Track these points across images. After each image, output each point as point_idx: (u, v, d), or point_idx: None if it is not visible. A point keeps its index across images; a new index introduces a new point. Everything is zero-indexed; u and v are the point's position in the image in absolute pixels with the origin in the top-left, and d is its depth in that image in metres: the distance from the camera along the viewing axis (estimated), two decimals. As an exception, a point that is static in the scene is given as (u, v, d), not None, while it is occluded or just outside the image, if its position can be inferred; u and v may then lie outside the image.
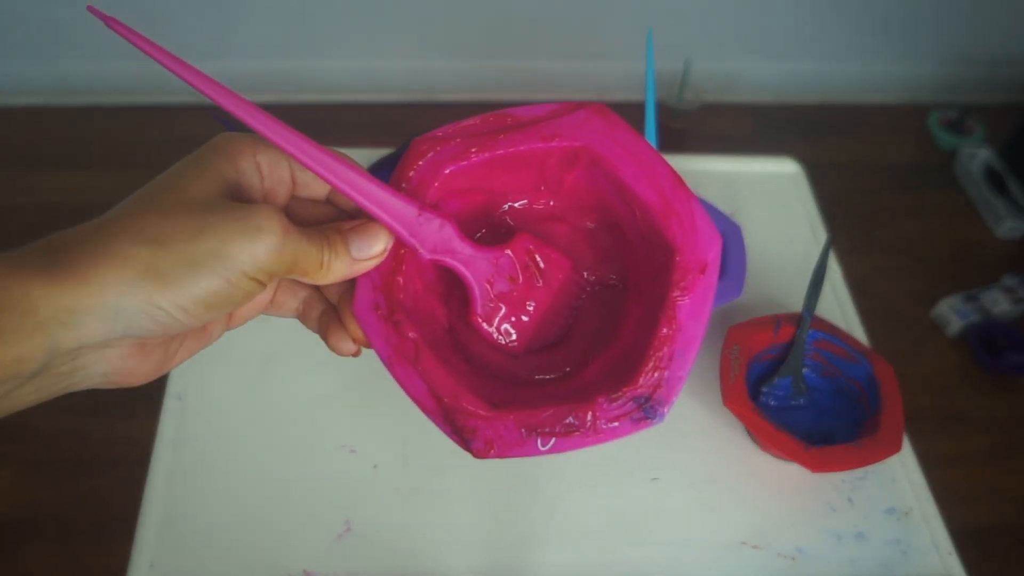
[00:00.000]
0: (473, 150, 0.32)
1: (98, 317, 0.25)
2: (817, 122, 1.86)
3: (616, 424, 0.32)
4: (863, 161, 1.79)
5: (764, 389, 0.63)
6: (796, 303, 0.65)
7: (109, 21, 0.27)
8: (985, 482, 1.31)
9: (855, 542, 0.59)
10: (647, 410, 0.32)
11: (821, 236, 0.78)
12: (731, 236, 0.69)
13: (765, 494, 0.61)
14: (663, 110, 1.72)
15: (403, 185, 0.32)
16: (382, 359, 0.32)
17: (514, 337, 0.35)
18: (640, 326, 0.33)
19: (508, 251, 0.34)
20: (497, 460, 0.37)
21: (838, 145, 1.81)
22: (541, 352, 0.35)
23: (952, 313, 1.47)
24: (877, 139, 1.85)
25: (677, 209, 0.33)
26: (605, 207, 0.35)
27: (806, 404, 0.64)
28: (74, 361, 0.27)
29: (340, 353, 0.34)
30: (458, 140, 0.33)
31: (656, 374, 0.32)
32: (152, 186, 0.29)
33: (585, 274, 0.36)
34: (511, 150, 0.33)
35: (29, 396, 0.26)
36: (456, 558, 0.56)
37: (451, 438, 0.32)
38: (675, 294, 0.32)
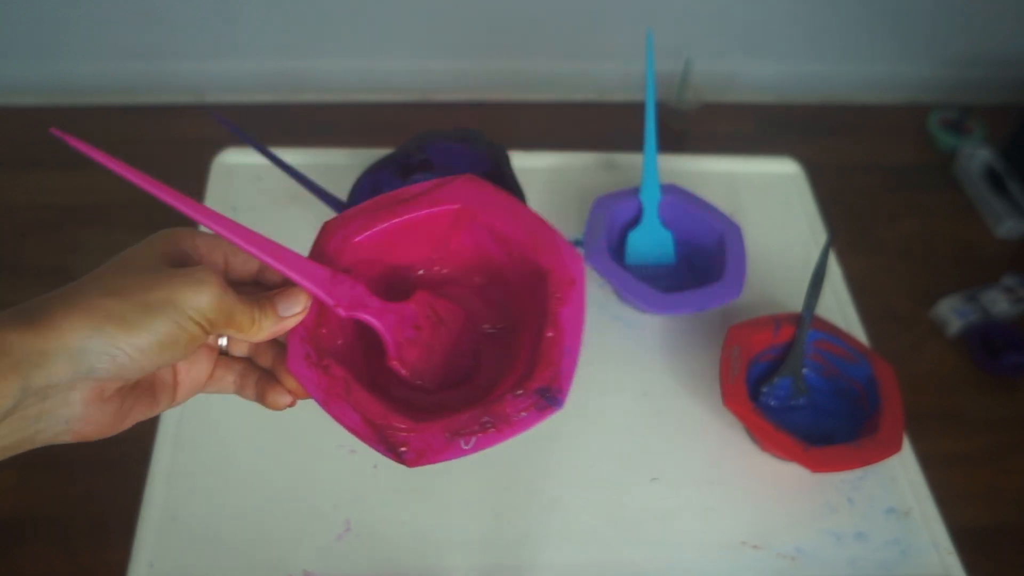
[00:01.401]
0: (374, 222, 0.39)
1: (65, 358, 0.29)
2: (817, 122, 1.86)
3: (525, 414, 0.37)
4: (863, 161, 1.79)
5: (764, 389, 0.63)
6: (796, 303, 0.65)
7: (70, 140, 0.31)
8: (985, 482, 1.31)
9: (855, 542, 0.59)
10: (548, 399, 0.38)
11: (821, 236, 0.78)
12: (731, 236, 0.69)
13: (765, 494, 0.61)
14: (663, 110, 1.72)
15: (320, 258, 0.38)
16: (318, 401, 0.37)
17: (426, 376, 0.41)
18: (532, 349, 0.39)
19: (411, 304, 0.40)
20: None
21: (838, 145, 1.81)
22: (452, 387, 0.41)
23: (952, 313, 1.47)
24: (877, 139, 1.85)
25: (543, 240, 0.40)
26: (488, 260, 0.41)
27: (806, 404, 0.64)
28: (42, 403, 0.30)
29: (277, 408, 0.38)
30: (361, 216, 0.39)
31: (550, 369, 0.38)
32: (110, 262, 0.34)
33: (485, 326, 0.43)
34: (405, 217, 0.39)
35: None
36: (456, 558, 0.56)
37: (387, 455, 0.37)
38: (553, 304, 0.39)
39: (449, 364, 0.41)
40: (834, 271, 0.76)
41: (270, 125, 1.69)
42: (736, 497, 0.61)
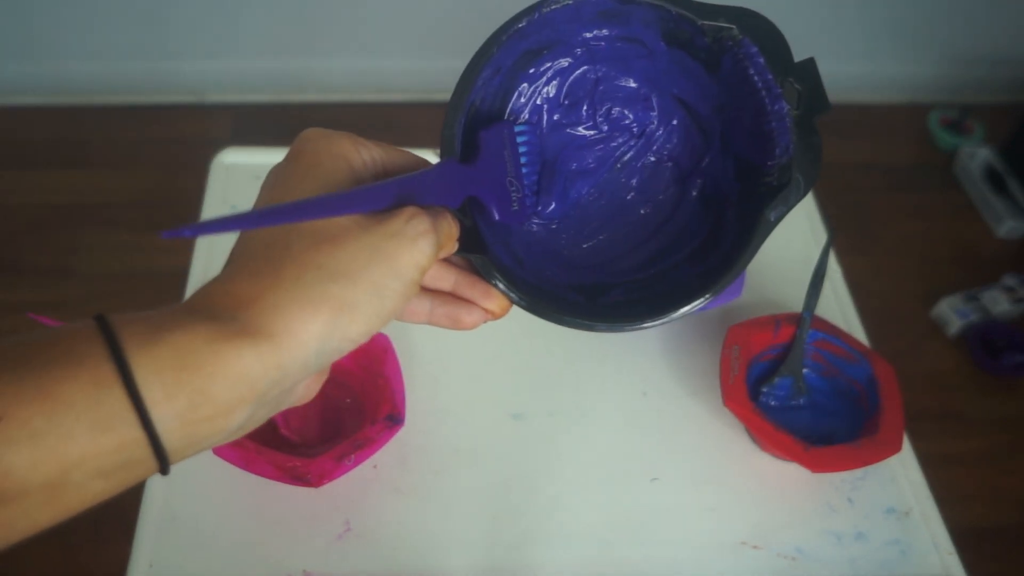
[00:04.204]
0: None
1: (301, 365, 0.27)
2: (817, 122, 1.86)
3: (382, 433, 0.54)
4: (863, 161, 1.79)
5: (764, 389, 0.63)
6: (796, 303, 0.65)
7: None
8: (985, 482, 1.31)
9: (855, 542, 0.59)
10: (394, 420, 0.55)
11: (821, 236, 0.78)
12: (731, 236, 0.69)
13: (765, 494, 0.61)
14: (663, 110, 1.72)
15: None
16: (241, 467, 0.52)
17: (307, 436, 0.58)
18: (375, 399, 0.57)
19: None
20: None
21: (838, 145, 1.81)
22: (327, 442, 0.57)
23: (952, 313, 1.47)
24: (877, 139, 1.85)
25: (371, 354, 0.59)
26: (339, 370, 0.61)
27: (806, 404, 0.64)
28: (270, 407, 0.29)
29: (469, 326, 0.36)
30: None
31: (388, 403, 0.56)
32: (286, 192, 0.31)
33: (345, 400, 0.61)
34: None
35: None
36: (456, 558, 0.56)
37: (297, 484, 0.52)
38: (379, 366, 0.57)
39: (321, 428, 0.59)
40: (834, 271, 0.76)
41: (270, 125, 1.69)
42: (736, 497, 0.61)
